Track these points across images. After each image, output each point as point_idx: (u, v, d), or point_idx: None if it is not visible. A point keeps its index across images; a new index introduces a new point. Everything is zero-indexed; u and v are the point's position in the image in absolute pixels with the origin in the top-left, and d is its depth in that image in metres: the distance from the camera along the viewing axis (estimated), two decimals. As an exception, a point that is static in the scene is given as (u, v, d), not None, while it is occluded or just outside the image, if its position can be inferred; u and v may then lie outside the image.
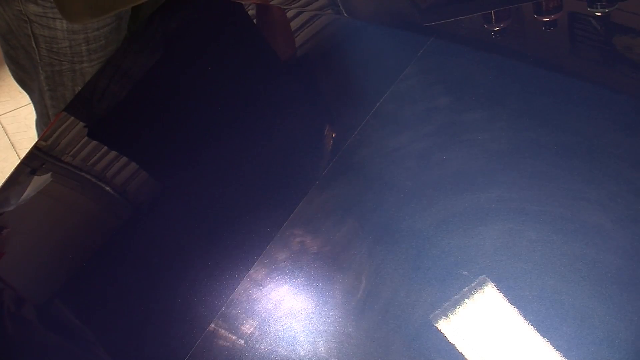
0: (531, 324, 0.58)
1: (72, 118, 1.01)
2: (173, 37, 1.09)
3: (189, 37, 1.06)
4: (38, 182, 0.95)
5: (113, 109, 1.00)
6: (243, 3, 1.05)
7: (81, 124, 0.99)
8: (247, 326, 0.68)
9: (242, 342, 0.67)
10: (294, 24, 1.01)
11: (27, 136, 2.26)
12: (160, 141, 0.91)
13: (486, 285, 0.61)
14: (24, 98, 2.43)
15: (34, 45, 1.19)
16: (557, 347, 0.56)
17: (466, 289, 0.62)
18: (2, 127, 2.32)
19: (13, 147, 2.24)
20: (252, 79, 0.93)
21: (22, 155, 1.43)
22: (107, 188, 0.89)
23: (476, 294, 0.61)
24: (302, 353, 0.64)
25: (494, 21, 0.89)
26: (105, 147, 0.92)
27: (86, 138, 0.95)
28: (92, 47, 1.19)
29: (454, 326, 0.60)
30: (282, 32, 1.02)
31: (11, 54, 1.32)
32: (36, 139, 1.01)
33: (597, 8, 0.84)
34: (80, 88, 1.25)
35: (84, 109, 1.02)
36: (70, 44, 1.17)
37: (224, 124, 0.88)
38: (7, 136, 2.28)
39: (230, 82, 0.94)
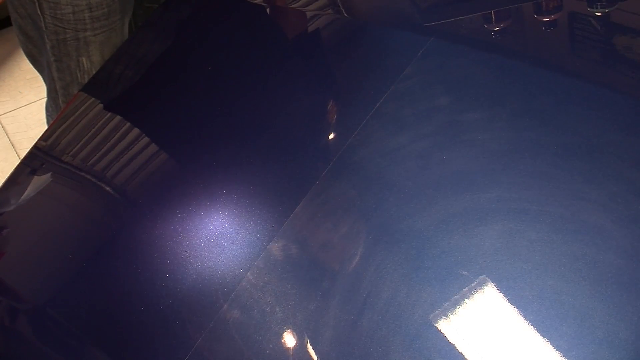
0: (531, 324, 0.58)
1: (73, 117, 1.01)
2: (182, 30, 1.09)
3: (192, 34, 1.06)
4: (38, 182, 0.95)
5: (113, 108, 1.00)
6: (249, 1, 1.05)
7: (81, 124, 0.99)
8: (247, 326, 0.68)
9: (242, 341, 0.67)
10: (293, 24, 1.01)
11: (27, 136, 2.26)
12: (159, 140, 0.91)
13: (486, 285, 0.61)
14: (24, 98, 2.43)
15: (39, 12, 1.21)
16: (557, 347, 0.56)
17: (466, 289, 0.62)
18: (2, 127, 2.32)
19: (13, 147, 2.24)
20: (252, 78, 0.93)
21: (22, 155, 1.43)
22: (107, 188, 0.89)
23: (476, 294, 0.61)
24: (302, 353, 0.64)
25: (494, 21, 0.89)
26: (105, 147, 0.92)
27: (86, 138, 0.95)
28: (94, 14, 1.21)
29: (454, 326, 0.60)
30: (282, 32, 1.02)
31: (19, 23, 1.35)
32: (37, 138, 1.01)
33: (597, 8, 0.84)
34: (84, 59, 1.27)
35: (85, 108, 1.02)
36: (74, 10, 1.19)
37: (224, 124, 0.88)
38: (7, 136, 2.28)
39: (230, 82, 0.94)
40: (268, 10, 1.06)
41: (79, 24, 1.22)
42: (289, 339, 0.65)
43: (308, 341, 0.64)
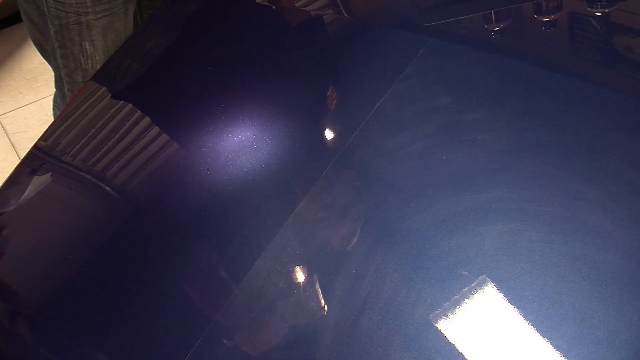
0: (531, 324, 0.58)
1: (73, 117, 1.01)
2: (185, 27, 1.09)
3: (194, 32, 1.06)
4: (38, 182, 0.95)
5: (115, 107, 1.00)
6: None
7: (82, 123, 0.99)
8: (247, 326, 0.68)
9: (242, 342, 0.67)
10: (294, 24, 1.01)
11: (27, 136, 2.26)
12: (157, 139, 0.91)
13: (486, 285, 0.61)
14: (24, 98, 2.43)
15: None
16: (557, 347, 0.56)
17: (466, 289, 0.62)
18: (2, 127, 2.32)
19: (13, 147, 2.24)
20: (253, 77, 0.93)
21: (22, 155, 1.43)
22: (107, 188, 0.89)
23: (476, 294, 0.61)
24: (302, 353, 0.64)
25: (494, 21, 0.89)
26: (106, 146, 0.92)
27: (87, 137, 0.95)
28: None
29: (454, 326, 0.60)
30: (283, 31, 1.02)
31: (25, 8, 1.38)
32: (37, 138, 1.01)
33: (597, 8, 0.84)
34: (87, 44, 1.28)
35: (86, 107, 1.02)
36: None
37: (225, 124, 0.88)
38: (7, 136, 2.28)
39: (232, 80, 0.94)
40: (270, 9, 1.06)
41: (80, 7, 1.23)
42: (289, 339, 0.65)
43: (308, 341, 0.64)
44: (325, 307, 0.65)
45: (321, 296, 0.66)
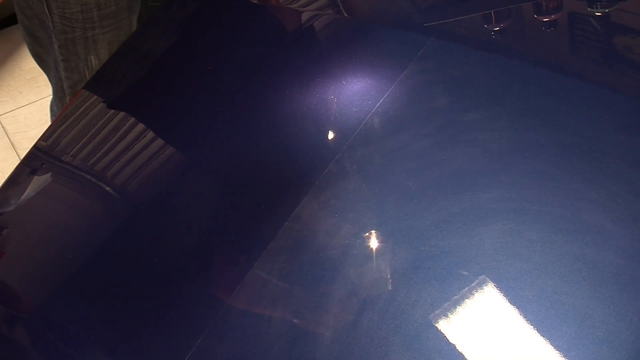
0: (531, 324, 0.58)
1: (73, 116, 1.01)
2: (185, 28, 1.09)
3: (194, 34, 1.07)
4: (38, 182, 0.95)
5: (114, 107, 1.00)
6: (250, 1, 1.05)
7: (82, 123, 0.99)
8: (247, 326, 0.68)
9: (242, 342, 0.67)
10: (294, 24, 1.01)
11: (27, 136, 2.26)
12: (158, 139, 0.91)
13: (486, 285, 0.61)
14: (24, 98, 2.43)
15: (47, 12, 1.22)
16: (557, 347, 0.56)
17: (466, 289, 0.62)
18: (2, 127, 2.32)
19: (13, 147, 2.24)
20: (253, 77, 0.93)
21: (22, 155, 1.43)
22: (107, 188, 0.89)
23: (476, 294, 0.61)
24: (301, 353, 0.64)
25: (494, 21, 0.89)
26: (106, 146, 0.92)
27: (87, 137, 0.95)
28: (103, 12, 1.22)
29: (454, 326, 0.60)
30: (283, 31, 1.02)
31: (26, 24, 1.35)
32: (37, 138, 1.01)
33: (597, 8, 0.84)
34: (92, 57, 1.27)
35: (86, 107, 1.02)
36: (82, 9, 1.20)
37: (225, 124, 0.88)
38: (7, 136, 2.28)
39: (232, 81, 0.94)
40: (269, 10, 1.06)
41: (87, 23, 1.23)
42: (289, 339, 0.65)
43: (308, 341, 0.64)
44: (325, 307, 0.65)
45: (321, 296, 0.66)
